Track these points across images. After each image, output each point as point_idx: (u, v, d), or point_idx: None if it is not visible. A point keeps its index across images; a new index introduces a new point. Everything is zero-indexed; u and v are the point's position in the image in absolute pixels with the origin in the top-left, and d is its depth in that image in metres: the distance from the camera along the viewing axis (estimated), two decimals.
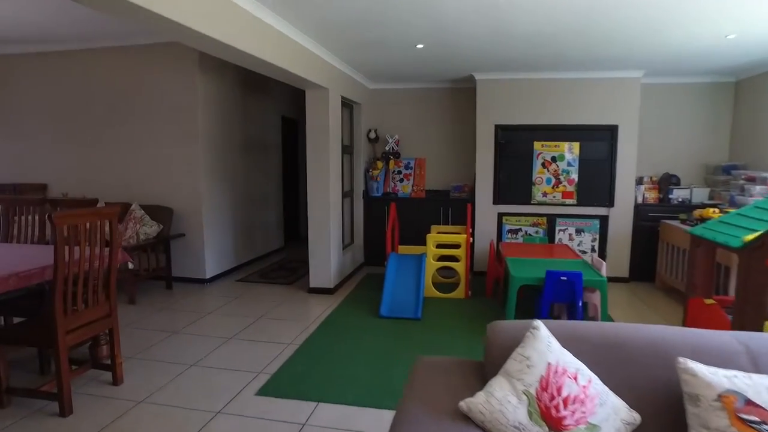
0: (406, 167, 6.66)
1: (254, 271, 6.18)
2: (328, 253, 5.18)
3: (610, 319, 3.92)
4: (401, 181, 6.66)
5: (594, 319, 4.16)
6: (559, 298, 3.90)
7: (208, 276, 5.61)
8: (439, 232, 5.69)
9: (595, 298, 4.05)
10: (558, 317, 4.29)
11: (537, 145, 5.75)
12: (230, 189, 6.04)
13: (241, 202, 6.34)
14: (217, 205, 5.76)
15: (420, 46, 4.49)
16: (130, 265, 3.52)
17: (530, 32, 4.04)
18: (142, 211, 5.28)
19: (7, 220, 3.95)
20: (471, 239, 5.04)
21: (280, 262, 6.79)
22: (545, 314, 3.86)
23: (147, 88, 5.48)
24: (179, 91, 5.38)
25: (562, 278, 3.81)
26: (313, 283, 5.27)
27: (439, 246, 5.17)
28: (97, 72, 5.62)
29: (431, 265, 5.02)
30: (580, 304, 3.80)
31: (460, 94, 6.50)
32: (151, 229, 5.17)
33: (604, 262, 4.18)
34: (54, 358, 2.68)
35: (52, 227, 2.53)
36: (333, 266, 5.23)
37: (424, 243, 6.04)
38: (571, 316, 4.18)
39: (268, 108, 7.06)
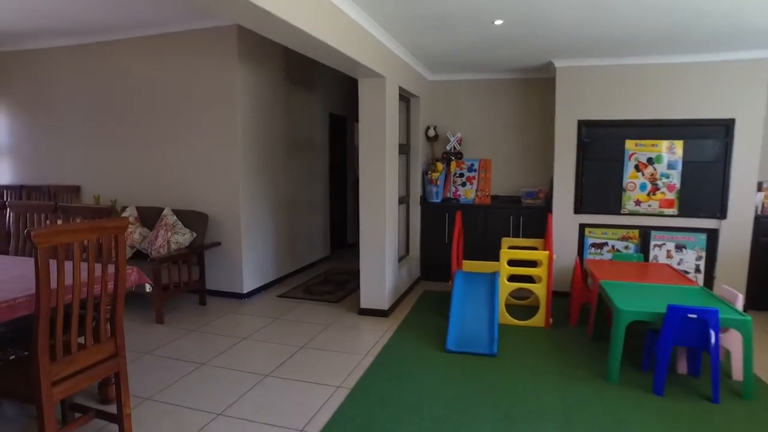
0: (469, 169, 5.86)
1: (297, 285, 5.52)
2: (382, 269, 4.45)
3: (757, 381, 3.00)
4: (463, 185, 5.86)
5: (729, 372, 3.24)
6: (684, 340, 3.01)
7: (245, 291, 4.99)
8: (511, 247, 4.86)
9: (731, 340, 3.14)
10: (674, 363, 3.39)
11: (629, 144, 4.83)
12: (272, 192, 5.42)
13: (284, 207, 5.70)
14: (257, 211, 5.14)
15: (498, 22, 3.69)
16: (148, 288, 2.89)
17: (642, 2, 3.17)
18: (175, 218, 4.71)
19: (17, 228, 3.43)
20: (554, 256, 4.19)
21: (326, 273, 6.12)
22: (664, 361, 2.98)
23: (181, 80, 4.92)
24: (216, 83, 4.79)
25: (690, 316, 2.92)
26: (365, 303, 4.55)
27: (513, 263, 4.34)
28: (129, 65, 5.11)
29: (505, 287, 4.20)
30: (715, 352, 2.90)
31: (535, 85, 5.63)
32: (183, 237, 4.59)
33: (739, 294, 3.25)
34: (38, 417, 2.06)
35: (33, 248, 1.91)
36: (388, 284, 4.50)
37: (490, 257, 5.23)
38: (694, 363, 3.27)
39: (314, 104, 6.41)
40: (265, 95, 5.19)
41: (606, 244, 5.01)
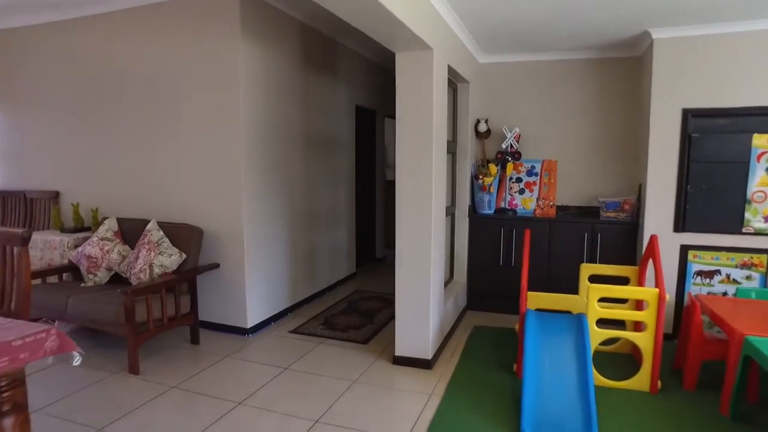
0: (529, 173, 4.72)
1: (315, 316, 4.48)
2: (424, 307, 3.37)
3: None
4: (521, 192, 4.73)
5: None
6: None
7: (250, 324, 3.97)
8: (593, 277, 3.70)
9: None
10: None
11: (759, 140, 3.62)
12: (285, 201, 4.39)
13: (300, 218, 4.67)
14: (265, 224, 4.11)
15: None
16: (77, 360, 1.87)
17: None
18: (160, 233, 3.72)
19: None
20: (666, 295, 3.01)
21: (350, 298, 5.06)
22: None
23: (173, 62, 3.93)
24: (215, 65, 3.78)
25: None
26: (401, 349, 3.46)
27: (602, 300, 3.18)
28: (112, 46, 4.15)
29: (595, 335, 3.06)
30: None
31: (617, 66, 4.46)
32: (170, 259, 3.59)
33: None
34: None
35: None
36: (432, 325, 3.41)
37: (557, 287, 4.10)
38: None
39: (337, 93, 5.36)
40: (276, 81, 4.17)
41: (718, 272, 3.81)
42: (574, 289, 4.17)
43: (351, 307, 4.74)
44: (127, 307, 3.13)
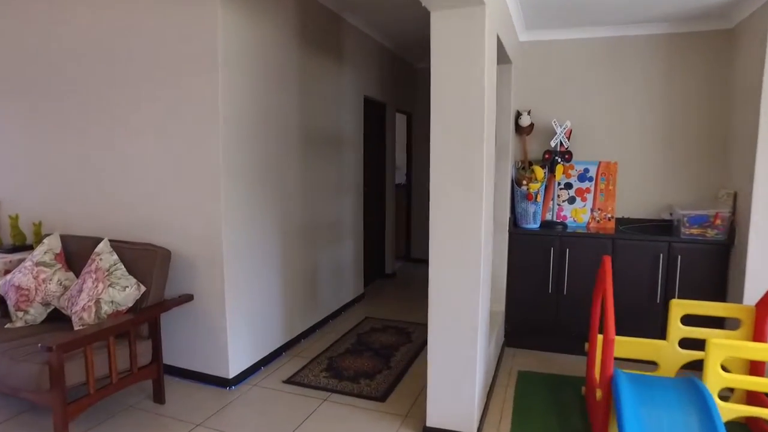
0: (581, 178, 3.82)
1: (316, 357, 3.56)
2: (469, 365, 2.46)
3: None
4: (571, 201, 3.83)
5: None
6: None
7: (232, 373, 3.06)
8: (687, 318, 2.80)
9: None
10: None
11: None
12: (277, 212, 3.48)
13: (297, 233, 3.76)
14: (252, 242, 3.21)
15: None
16: None
17: None
18: (114, 257, 2.80)
19: None
20: None
21: (358, 329, 4.15)
22: None
23: (135, 38, 3.02)
24: (188, 42, 2.87)
25: None
26: (435, 417, 2.55)
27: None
28: (63, 14, 3.24)
29: (721, 411, 2.15)
30: None
31: (698, 42, 3.56)
32: (123, 294, 2.67)
33: None
34: None
35: None
36: (477, 387, 2.49)
37: (629, 327, 3.23)
38: None
39: (343, 81, 4.46)
40: (266, 64, 3.26)
41: None
42: (644, 329, 3.30)
43: (360, 343, 3.83)
44: (52, 368, 2.21)
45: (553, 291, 3.58)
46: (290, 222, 3.63)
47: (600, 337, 2.72)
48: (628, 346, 2.81)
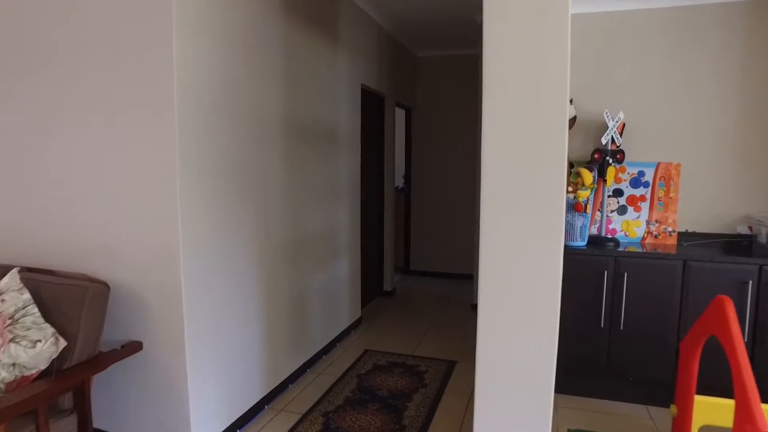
0: (634, 183, 3.11)
1: (306, 413, 2.78)
2: None
3: None
4: (622, 211, 3.12)
5: None
6: None
7: None
8: None
9: None
10: None
11: None
12: (254, 226, 2.70)
13: (280, 251, 2.98)
14: (221, 267, 2.42)
15: None
16: None
17: None
18: (25, 296, 1.99)
19: None
20: None
21: (358, 369, 3.38)
22: None
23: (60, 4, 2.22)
24: (130, 10, 2.08)
25: None
26: None
27: None
28: None
29: None
30: None
31: None
32: (31, 351, 1.86)
33: None
34: None
35: None
36: None
37: (709, 381, 2.51)
38: None
39: (337, 67, 3.70)
40: (241, 35, 2.48)
41: None
42: (726, 383, 2.55)
43: (363, 389, 3.06)
44: None
45: (607, 325, 2.86)
46: (271, 238, 2.84)
47: (702, 400, 1.99)
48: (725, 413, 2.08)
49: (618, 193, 3.12)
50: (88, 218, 2.24)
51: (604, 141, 2.95)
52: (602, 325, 2.86)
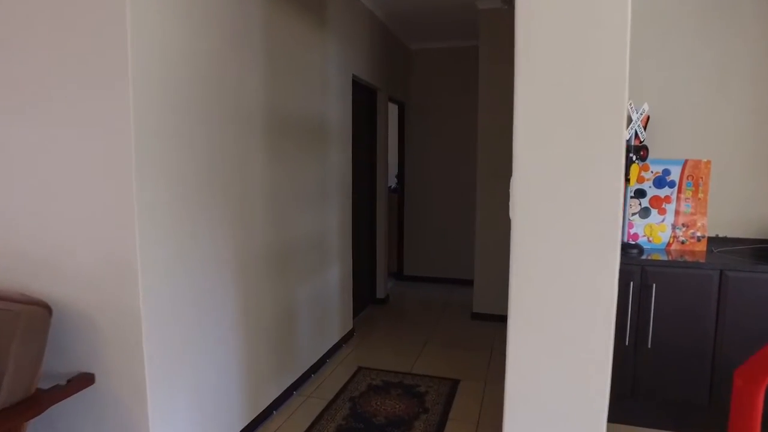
0: (658, 182, 2.79)
1: None
2: None
3: None
4: (644, 214, 2.80)
5: None
6: None
7: None
8: None
9: None
10: None
11: None
12: (231, 234, 2.33)
13: (262, 262, 2.62)
14: (191, 282, 2.05)
15: None
16: None
17: None
18: None
19: None
20: None
21: (351, 391, 3.02)
22: None
23: None
24: None
25: None
26: None
27: None
28: None
29: None
30: None
31: None
32: None
33: None
34: None
35: None
36: None
37: None
38: None
39: (326, 56, 3.34)
40: (213, 19, 2.12)
41: None
42: None
43: (357, 417, 2.70)
44: None
45: (632, 343, 2.54)
46: (252, 246, 2.48)
47: None
48: None
49: (640, 193, 2.81)
50: (26, 225, 1.86)
51: (627, 135, 2.63)
52: (627, 342, 2.54)
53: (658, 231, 2.79)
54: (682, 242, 2.76)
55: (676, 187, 2.76)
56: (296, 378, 2.99)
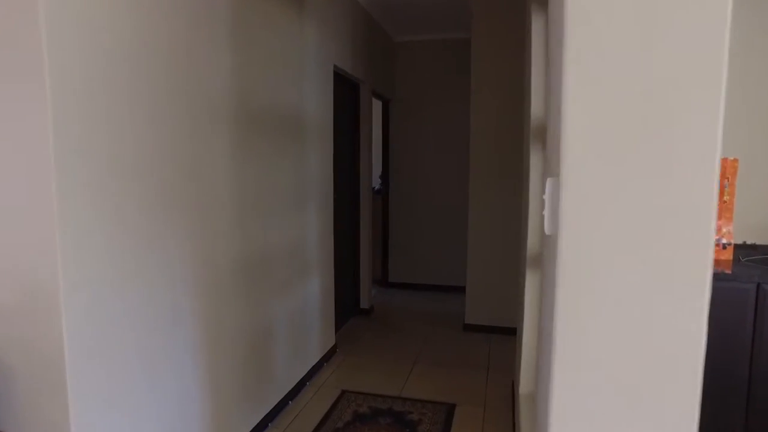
0: None
1: None
2: None
3: None
4: None
5: None
6: None
7: None
8: None
9: None
10: None
11: None
12: (190, 246, 1.94)
13: (230, 278, 2.23)
14: (131, 308, 1.66)
15: None
16: None
17: None
18: None
19: None
20: None
21: (335, 419, 2.65)
22: None
23: None
24: None
25: None
26: None
27: None
28: None
29: None
30: None
31: None
32: None
33: None
34: None
35: None
36: None
37: None
38: None
39: (305, 40, 2.97)
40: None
41: None
42: None
43: None
44: None
45: None
46: (217, 259, 2.10)
47: None
48: None
49: None
50: None
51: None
52: None
53: None
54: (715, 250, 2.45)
55: None
56: (271, 408, 2.61)
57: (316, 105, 3.13)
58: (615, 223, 0.95)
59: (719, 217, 2.37)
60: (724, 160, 2.36)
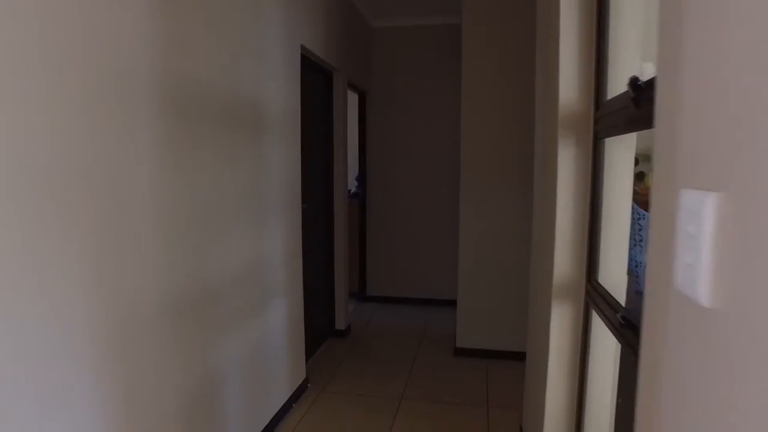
0: None
1: None
2: None
3: None
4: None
5: None
6: None
7: None
8: None
9: None
10: None
11: None
12: (93, 282, 1.36)
13: (159, 314, 1.65)
14: (26, 377, 1.07)
15: None
16: None
17: None
18: None
19: None
20: None
21: None
22: None
23: None
24: None
25: None
26: None
27: None
28: None
29: None
30: None
31: None
32: None
33: None
34: None
35: None
36: None
37: None
38: None
39: (263, 14, 2.40)
40: None
41: None
42: None
43: None
44: None
45: None
46: (134, 298, 1.52)
47: None
48: None
49: None
50: None
51: None
52: None
53: None
54: None
55: None
56: None
57: (279, 93, 2.57)
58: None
59: None
60: None
